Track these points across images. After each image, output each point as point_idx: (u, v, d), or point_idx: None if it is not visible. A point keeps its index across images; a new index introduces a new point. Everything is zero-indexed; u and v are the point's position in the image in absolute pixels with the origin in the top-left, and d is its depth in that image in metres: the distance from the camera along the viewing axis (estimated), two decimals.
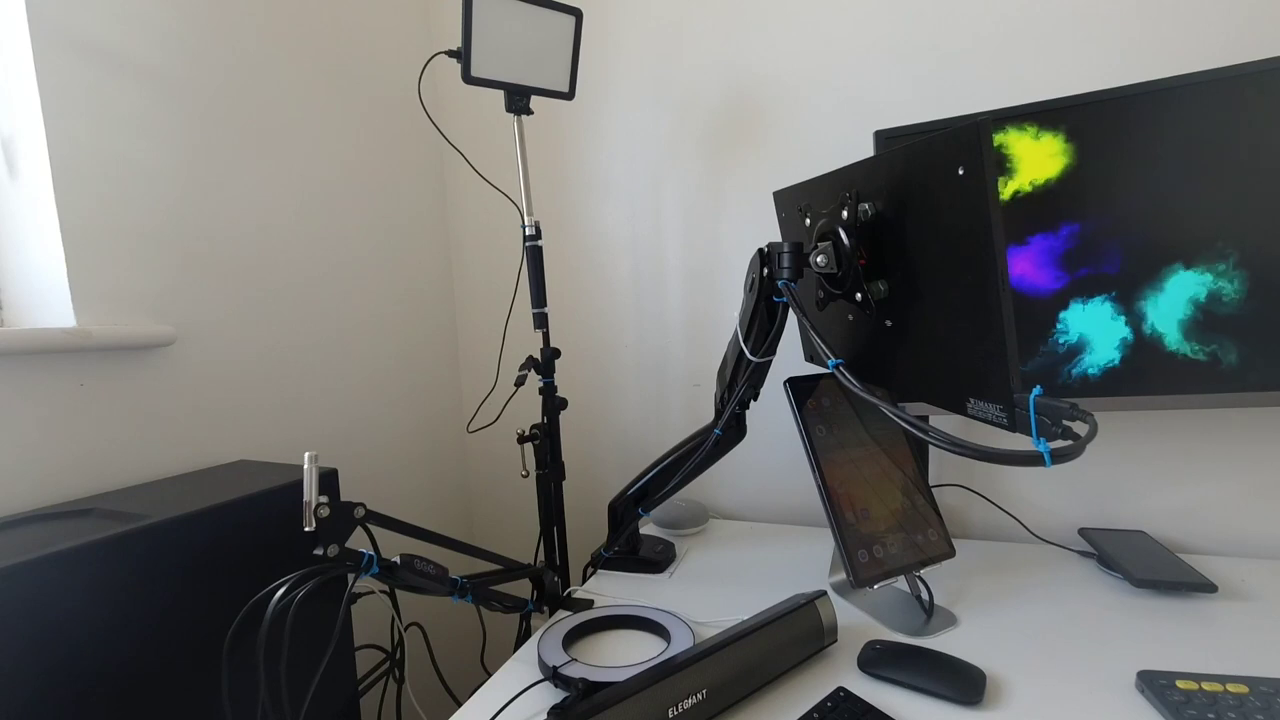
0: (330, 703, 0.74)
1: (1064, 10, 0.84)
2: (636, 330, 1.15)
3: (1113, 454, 0.86)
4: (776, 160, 1.01)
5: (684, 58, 1.06)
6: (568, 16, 0.85)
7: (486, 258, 1.26)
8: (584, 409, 1.17)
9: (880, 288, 0.59)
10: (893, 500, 0.69)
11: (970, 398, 0.50)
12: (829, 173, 0.64)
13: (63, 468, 0.69)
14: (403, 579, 0.58)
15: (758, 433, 0.77)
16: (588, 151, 1.15)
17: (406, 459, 1.18)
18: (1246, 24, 0.76)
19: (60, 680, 0.52)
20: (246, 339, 0.89)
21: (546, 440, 0.93)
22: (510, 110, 0.87)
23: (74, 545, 0.53)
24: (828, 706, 0.52)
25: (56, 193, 0.69)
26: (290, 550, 0.59)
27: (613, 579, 0.83)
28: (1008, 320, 0.45)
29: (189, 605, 0.60)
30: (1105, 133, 0.65)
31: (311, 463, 0.51)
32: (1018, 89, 0.73)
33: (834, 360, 0.54)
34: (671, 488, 0.78)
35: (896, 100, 0.92)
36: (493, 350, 1.06)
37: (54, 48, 0.69)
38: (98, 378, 0.72)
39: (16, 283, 0.75)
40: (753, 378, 0.70)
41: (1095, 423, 0.41)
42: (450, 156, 1.17)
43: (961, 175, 0.46)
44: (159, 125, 0.79)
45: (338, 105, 1.05)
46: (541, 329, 0.92)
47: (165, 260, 0.80)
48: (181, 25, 0.82)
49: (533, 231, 0.90)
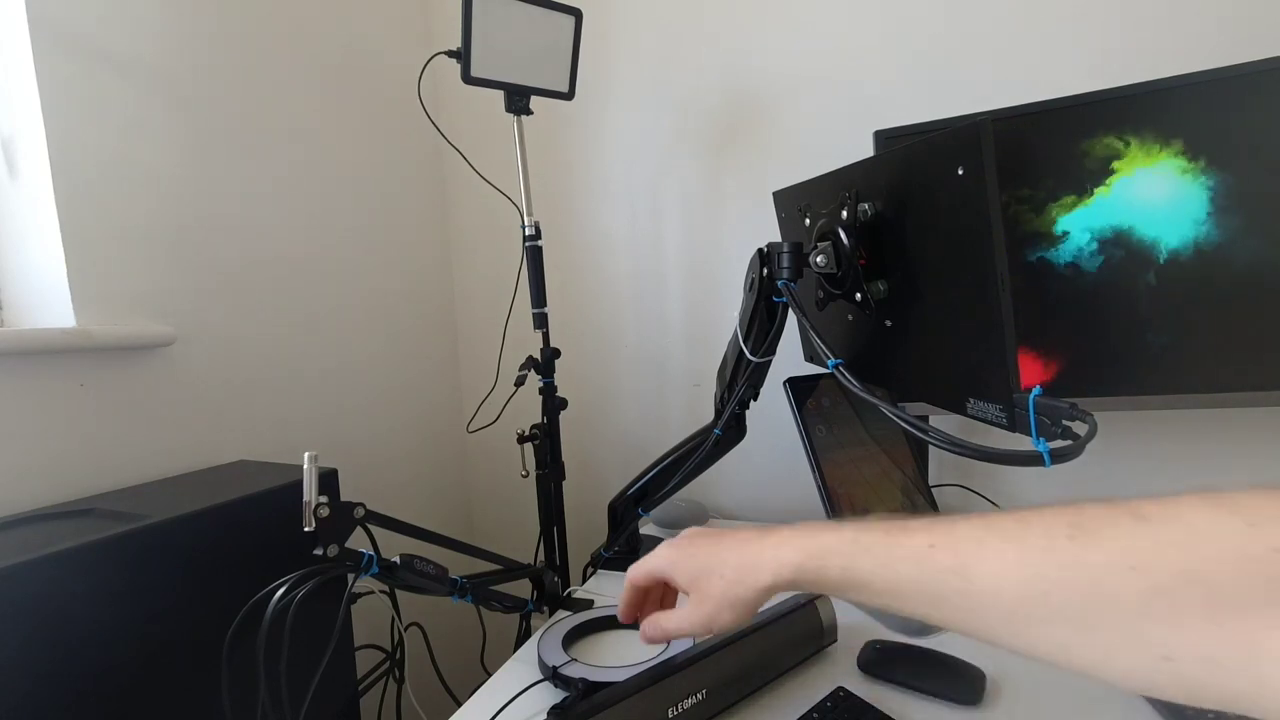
0: (330, 703, 0.74)
1: (1065, 10, 0.84)
2: (636, 330, 1.15)
3: (1112, 454, 0.86)
4: (776, 160, 1.01)
5: (684, 58, 1.06)
6: (568, 16, 0.85)
7: (486, 258, 1.26)
8: (584, 409, 1.16)
9: (880, 288, 0.59)
10: (893, 500, 0.69)
11: (970, 398, 0.50)
12: (829, 173, 0.64)
13: (63, 468, 0.69)
14: (403, 579, 0.58)
15: (758, 433, 0.77)
16: (588, 151, 1.15)
17: (406, 459, 1.18)
18: (1246, 22, 0.76)
19: (60, 680, 0.52)
20: (246, 339, 0.89)
21: (546, 440, 0.93)
22: (510, 110, 0.87)
23: (74, 545, 0.53)
24: (827, 707, 0.52)
25: (56, 193, 0.69)
26: (290, 550, 0.59)
27: (613, 579, 0.83)
28: (1008, 320, 0.45)
29: (189, 605, 0.60)
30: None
31: (311, 463, 0.51)
32: (1018, 89, 0.73)
33: (834, 360, 0.54)
34: (671, 488, 0.78)
35: (896, 100, 0.92)
36: (493, 350, 1.06)
37: (54, 48, 0.69)
38: (98, 378, 0.72)
39: (16, 283, 0.75)
40: (752, 378, 0.70)
41: (1095, 423, 0.41)
42: (450, 156, 1.17)
43: (961, 175, 0.46)
44: (158, 125, 0.79)
45: (338, 106, 1.04)
46: (541, 329, 0.92)
47: (165, 260, 0.80)
48: (182, 25, 0.82)
49: (532, 231, 0.90)
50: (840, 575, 0.37)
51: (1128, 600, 0.28)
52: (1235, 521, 0.27)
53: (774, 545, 0.41)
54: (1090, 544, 0.29)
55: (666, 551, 0.48)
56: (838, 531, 0.39)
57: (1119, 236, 0.67)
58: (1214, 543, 0.27)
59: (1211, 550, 0.27)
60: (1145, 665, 0.28)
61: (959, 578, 0.32)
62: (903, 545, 0.35)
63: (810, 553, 0.39)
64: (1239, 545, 0.27)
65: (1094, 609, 0.29)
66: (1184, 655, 0.27)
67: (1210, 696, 0.27)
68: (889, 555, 0.36)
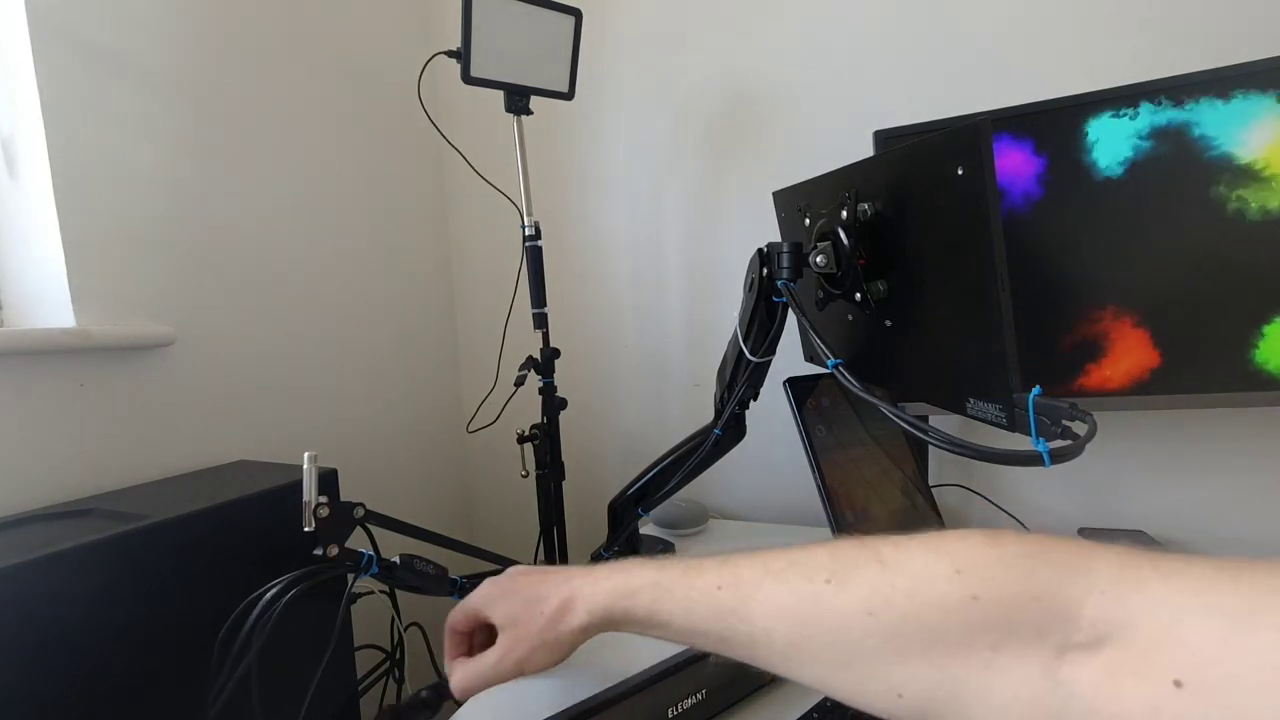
0: (330, 703, 0.74)
1: (1065, 9, 0.84)
2: (636, 330, 1.15)
3: (1112, 453, 0.86)
4: (776, 160, 1.01)
5: (684, 58, 1.06)
6: (568, 17, 0.84)
7: (486, 258, 1.26)
8: (584, 409, 1.16)
9: (880, 287, 0.59)
10: (893, 500, 0.69)
11: (970, 398, 0.50)
12: (829, 173, 0.64)
13: (63, 468, 0.69)
14: (402, 579, 0.58)
15: (757, 433, 0.77)
16: (588, 151, 1.15)
17: (406, 459, 1.18)
18: (1246, 21, 0.76)
19: (60, 680, 0.52)
20: (246, 339, 0.89)
21: (546, 440, 0.93)
22: (510, 110, 0.87)
23: (74, 545, 0.53)
24: (827, 706, 0.52)
25: (56, 193, 0.69)
26: (291, 550, 0.59)
27: None
28: (1007, 320, 0.45)
29: (189, 605, 0.60)
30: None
31: (311, 463, 0.51)
32: (1018, 89, 0.73)
33: (833, 360, 0.54)
34: (671, 488, 0.78)
35: (896, 100, 0.91)
36: (493, 350, 1.06)
37: (54, 48, 0.69)
38: (98, 378, 0.72)
39: (16, 283, 0.75)
40: (752, 378, 0.70)
41: (1094, 422, 0.41)
42: (450, 156, 1.17)
43: (961, 175, 0.46)
44: (158, 126, 0.79)
45: (337, 105, 1.04)
46: (541, 329, 0.92)
47: (165, 260, 0.80)
48: (181, 26, 0.82)
49: (532, 232, 0.90)
50: (645, 615, 0.39)
51: (868, 643, 0.31)
52: (946, 568, 0.30)
53: (590, 584, 0.42)
54: (841, 590, 0.32)
55: (486, 589, 0.47)
56: (643, 572, 0.41)
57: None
58: (930, 589, 0.30)
59: (928, 597, 0.30)
60: (885, 700, 0.31)
61: (740, 620, 0.35)
62: (696, 587, 0.38)
63: (619, 593, 0.40)
64: (945, 592, 0.29)
65: (843, 650, 0.32)
66: (911, 693, 0.30)
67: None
68: (685, 596, 0.38)
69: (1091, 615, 0.26)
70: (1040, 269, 0.70)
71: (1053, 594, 0.27)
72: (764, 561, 0.36)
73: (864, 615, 0.31)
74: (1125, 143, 0.66)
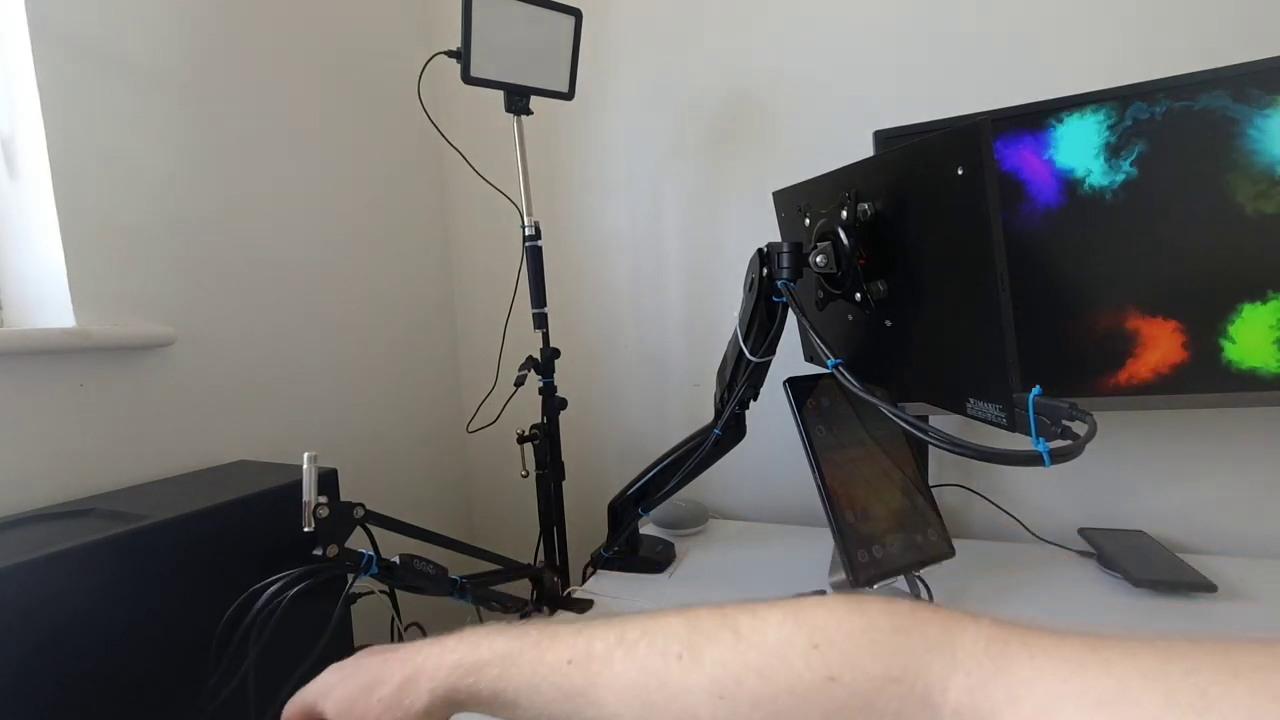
0: None
1: (1065, 10, 0.84)
2: (636, 330, 1.15)
3: (1113, 454, 0.86)
4: (776, 160, 1.01)
5: (684, 58, 1.06)
6: (568, 17, 0.84)
7: (486, 258, 1.26)
8: (584, 409, 1.16)
9: (880, 287, 0.59)
10: (892, 500, 0.69)
11: (970, 398, 0.50)
12: (829, 173, 0.64)
13: (63, 468, 0.69)
14: (402, 579, 0.58)
15: (757, 433, 0.77)
16: (588, 151, 1.15)
17: (406, 459, 1.18)
18: (1247, 21, 0.76)
19: (59, 680, 0.52)
20: (246, 339, 0.89)
21: (546, 440, 0.93)
22: (510, 110, 0.87)
23: (74, 545, 0.53)
24: None
25: (56, 192, 0.69)
26: (291, 550, 0.59)
27: (612, 579, 0.83)
28: (1007, 320, 0.45)
29: (189, 605, 0.60)
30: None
31: (311, 463, 0.51)
32: (1018, 89, 0.73)
33: (833, 360, 0.54)
34: (671, 488, 0.78)
35: (896, 100, 0.91)
36: (493, 350, 1.06)
37: (54, 48, 0.69)
38: (98, 378, 0.72)
39: (16, 283, 0.75)
40: (752, 378, 0.70)
41: (1094, 422, 0.41)
42: (450, 156, 1.17)
43: (961, 175, 0.46)
44: (158, 125, 0.79)
45: (337, 105, 1.04)
46: (541, 329, 0.92)
47: (165, 260, 0.80)
48: (181, 25, 0.82)
49: (532, 231, 0.90)
50: (491, 695, 0.35)
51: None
52: (803, 642, 0.28)
53: (436, 657, 0.37)
54: (692, 668, 0.30)
55: (326, 676, 0.41)
56: (493, 642, 0.36)
57: None
58: (785, 668, 0.28)
59: (783, 678, 0.27)
60: None
61: (588, 702, 0.32)
62: (545, 662, 0.34)
63: (463, 669, 0.36)
64: (800, 671, 0.27)
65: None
66: None
67: None
68: (533, 673, 0.34)
69: (955, 702, 0.25)
70: (1072, 268, 0.71)
71: (914, 675, 0.25)
72: (620, 630, 0.33)
73: (714, 699, 0.29)
74: (1131, 141, 0.66)
